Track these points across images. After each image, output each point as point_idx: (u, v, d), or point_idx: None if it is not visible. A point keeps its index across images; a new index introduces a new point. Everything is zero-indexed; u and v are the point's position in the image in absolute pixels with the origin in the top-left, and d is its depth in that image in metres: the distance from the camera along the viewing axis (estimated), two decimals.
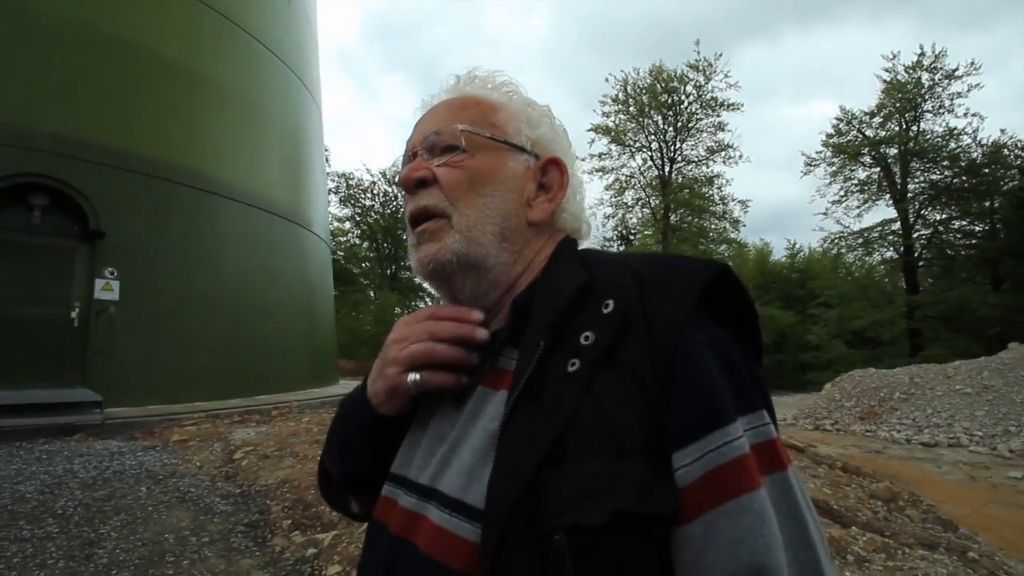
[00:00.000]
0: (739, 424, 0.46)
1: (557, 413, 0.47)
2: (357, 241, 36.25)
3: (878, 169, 24.93)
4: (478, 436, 0.53)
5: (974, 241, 23.82)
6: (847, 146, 25.00)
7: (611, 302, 0.51)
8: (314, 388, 11.28)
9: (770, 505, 0.45)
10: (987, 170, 22.74)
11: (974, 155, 22.88)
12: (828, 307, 26.73)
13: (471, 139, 0.62)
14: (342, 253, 32.70)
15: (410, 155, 0.66)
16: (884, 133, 24.25)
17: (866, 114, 24.70)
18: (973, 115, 22.59)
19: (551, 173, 0.66)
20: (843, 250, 27.02)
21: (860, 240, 25.68)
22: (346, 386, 13.56)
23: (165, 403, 7.80)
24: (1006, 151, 22.49)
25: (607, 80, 30.27)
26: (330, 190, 28.32)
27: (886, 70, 23.83)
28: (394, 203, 36.08)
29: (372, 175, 35.94)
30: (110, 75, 8.05)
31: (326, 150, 18.17)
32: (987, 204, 23.20)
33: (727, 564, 0.43)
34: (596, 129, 26.94)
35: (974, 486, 5.65)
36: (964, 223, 24.12)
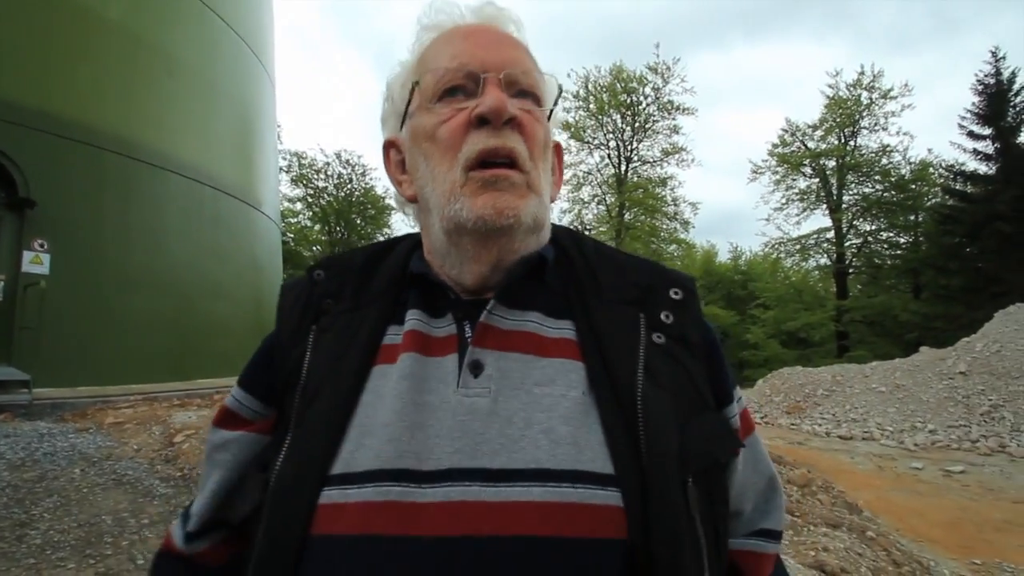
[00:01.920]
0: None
1: (665, 378, 0.53)
2: (308, 223, 35.24)
3: (817, 180, 26.41)
4: (565, 405, 0.50)
5: (899, 252, 25.68)
6: (790, 156, 26.34)
7: (679, 291, 0.59)
8: None
9: None
10: (914, 186, 24.53)
11: (903, 171, 24.63)
12: (766, 308, 28.24)
13: (545, 99, 0.59)
14: (292, 235, 31.75)
15: (475, 76, 0.55)
16: (824, 146, 25.70)
17: (809, 127, 26.12)
18: (904, 134, 24.35)
19: (554, 157, 0.65)
20: (782, 255, 28.54)
21: (798, 246, 27.19)
22: None
23: (98, 384, 7.46)
24: (931, 170, 24.32)
25: (568, 76, 30.56)
26: (281, 168, 27.42)
27: (829, 86, 25.26)
28: (348, 186, 35.27)
29: (326, 155, 34.93)
30: (46, 34, 7.53)
31: (278, 127, 17.59)
32: (912, 218, 25.04)
33: (758, 474, 0.63)
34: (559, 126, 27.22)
35: (881, 475, 6.23)
36: (891, 235, 25.96)
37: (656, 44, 28.40)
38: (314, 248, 35.66)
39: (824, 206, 26.32)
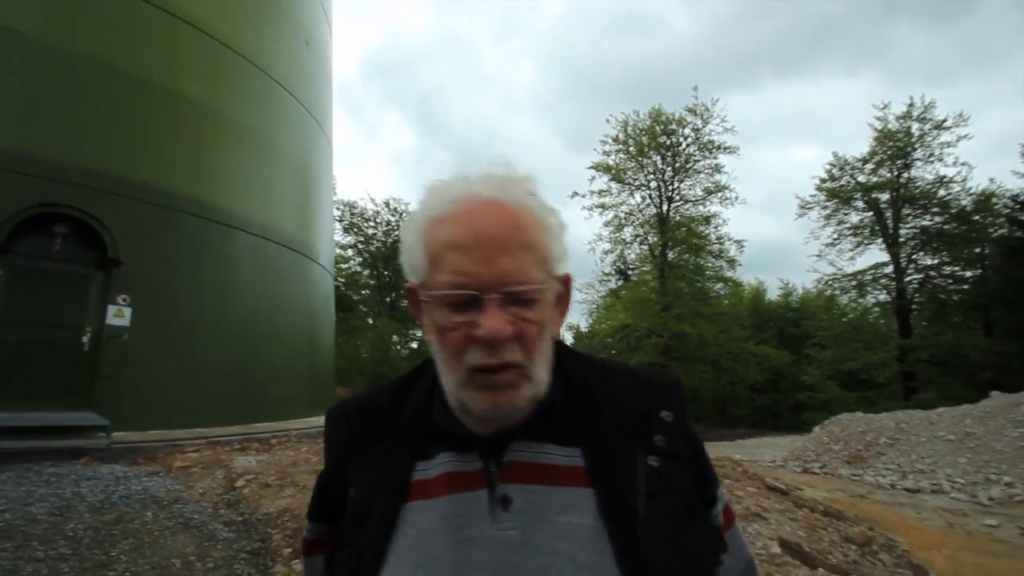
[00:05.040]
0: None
1: (661, 499, 0.61)
2: (358, 268, 36.66)
3: (871, 214, 25.56)
4: (582, 533, 0.59)
5: (965, 286, 24.25)
6: (840, 191, 25.69)
7: (669, 414, 0.67)
8: (311, 416, 11.44)
9: None
10: (977, 217, 23.34)
11: (963, 203, 23.52)
12: (822, 348, 27.00)
13: (543, 293, 0.63)
14: (342, 280, 33.06)
15: (476, 298, 0.60)
16: (876, 179, 24.96)
17: (859, 160, 25.49)
18: (962, 164, 23.34)
19: (562, 288, 0.69)
20: (837, 292, 27.44)
21: (854, 282, 26.11)
22: None
23: (166, 428, 7.99)
24: (995, 200, 23.15)
25: (608, 121, 31.22)
26: (334, 218, 28.92)
27: (877, 119, 24.74)
28: (396, 232, 36.68)
29: (376, 204, 36.59)
30: (134, 112, 8.51)
31: (333, 180, 18.73)
32: (977, 251, 23.72)
33: (737, 561, 0.72)
34: (596, 167, 27.66)
35: (951, 532, 5.82)
36: (956, 268, 24.59)
37: (694, 87, 28.69)
38: (363, 292, 36.94)
39: (880, 240, 25.36)
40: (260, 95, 10.62)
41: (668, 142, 26.78)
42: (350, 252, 35.64)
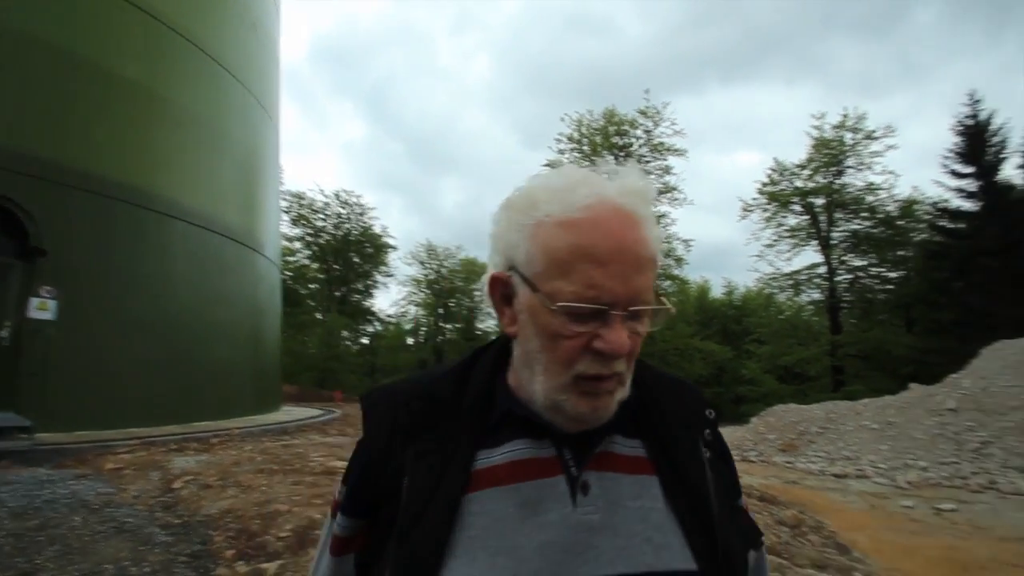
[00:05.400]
0: None
1: (720, 490, 0.67)
2: (307, 262, 35.59)
3: (807, 217, 27.03)
4: (655, 517, 0.64)
5: (890, 286, 26.05)
6: (780, 195, 27.02)
7: (711, 412, 0.73)
8: (255, 415, 11.05)
9: None
10: (901, 222, 25.11)
11: (890, 208, 25.24)
12: (761, 343, 28.38)
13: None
14: (290, 273, 32.05)
15: (602, 312, 0.60)
16: (812, 184, 26.41)
17: (797, 166, 26.92)
18: (889, 172, 25.04)
19: None
20: (775, 290, 28.91)
21: (790, 282, 27.60)
22: (288, 412, 13.27)
23: (96, 428, 7.52)
24: (917, 207, 24.96)
25: (562, 119, 31.56)
26: (282, 209, 27.93)
27: (815, 127, 26.16)
28: (346, 225, 35.82)
29: (325, 196, 35.58)
30: (64, 91, 7.94)
31: (281, 169, 18.10)
32: (901, 253, 25.53)
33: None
34: (551, 165, 27.99)
35: (873, 514, 6.28)
36: (882, 270, 26.40)
37: (646, 90, 29.59)
38: (310, 286, 35.90)
39: (815, 242, 26.86)
40: (203, 78, 10.13)
41: (621, 142, 27.38)
42: (298, 244, 34.55)
